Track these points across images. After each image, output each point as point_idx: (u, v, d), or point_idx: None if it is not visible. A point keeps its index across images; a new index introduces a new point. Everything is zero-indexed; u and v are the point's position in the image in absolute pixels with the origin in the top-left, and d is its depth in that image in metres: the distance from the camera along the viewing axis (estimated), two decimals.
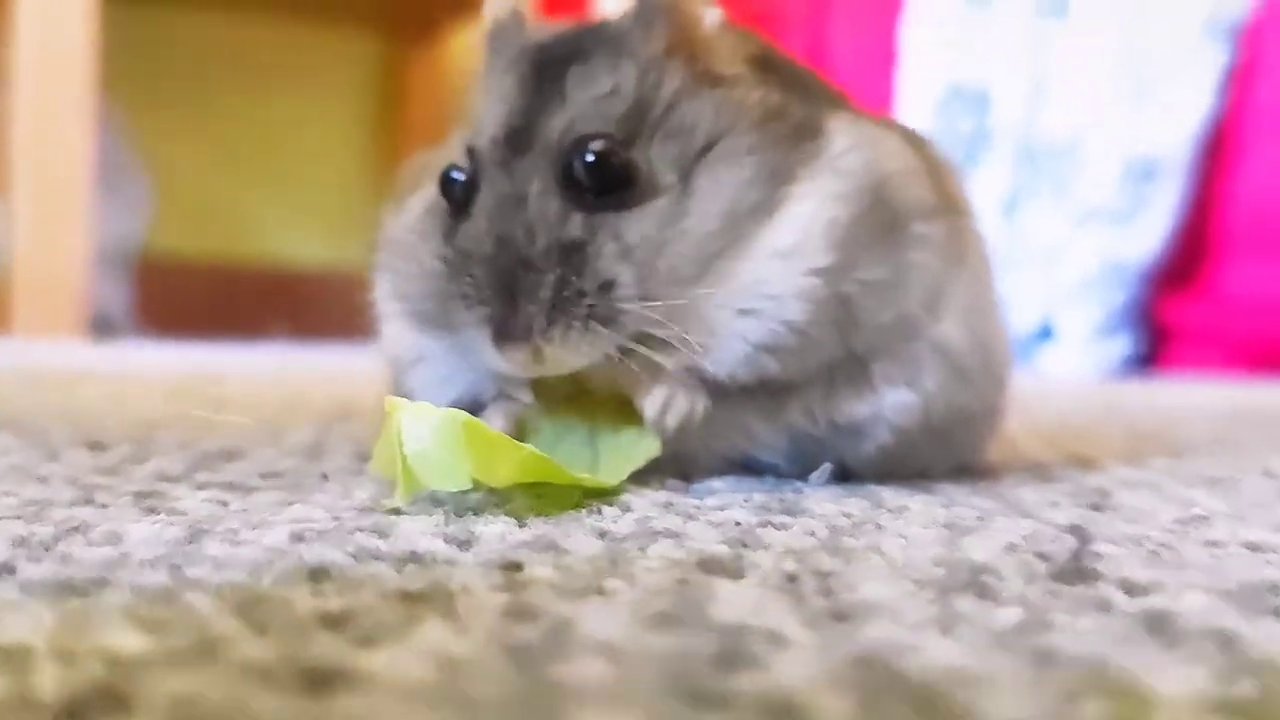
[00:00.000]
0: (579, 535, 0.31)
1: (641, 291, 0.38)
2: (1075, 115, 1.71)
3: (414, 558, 0.27)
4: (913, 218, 0.41)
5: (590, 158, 0.38)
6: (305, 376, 1.00)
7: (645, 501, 0.36)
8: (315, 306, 2.13)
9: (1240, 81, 1.62)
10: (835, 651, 0.21)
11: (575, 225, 0.38)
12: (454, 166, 0.41)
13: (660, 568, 0.27)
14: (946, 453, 0.45)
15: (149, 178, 1.86)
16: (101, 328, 1.54)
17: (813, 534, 0.31)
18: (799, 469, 0.42)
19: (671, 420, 0.39)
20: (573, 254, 0.37)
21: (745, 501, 0.37)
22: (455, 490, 0.35)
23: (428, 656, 0.20)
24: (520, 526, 0.32)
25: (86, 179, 1.42)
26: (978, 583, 0.26)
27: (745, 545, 0.30)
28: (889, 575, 0.27)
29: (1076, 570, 0.28)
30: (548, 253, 0.37)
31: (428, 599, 0.23)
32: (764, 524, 0.33)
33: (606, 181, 0.38)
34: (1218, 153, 1.63)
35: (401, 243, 0.42)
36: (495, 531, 0.31)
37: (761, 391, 0.41)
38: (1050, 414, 0.77)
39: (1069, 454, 0.54)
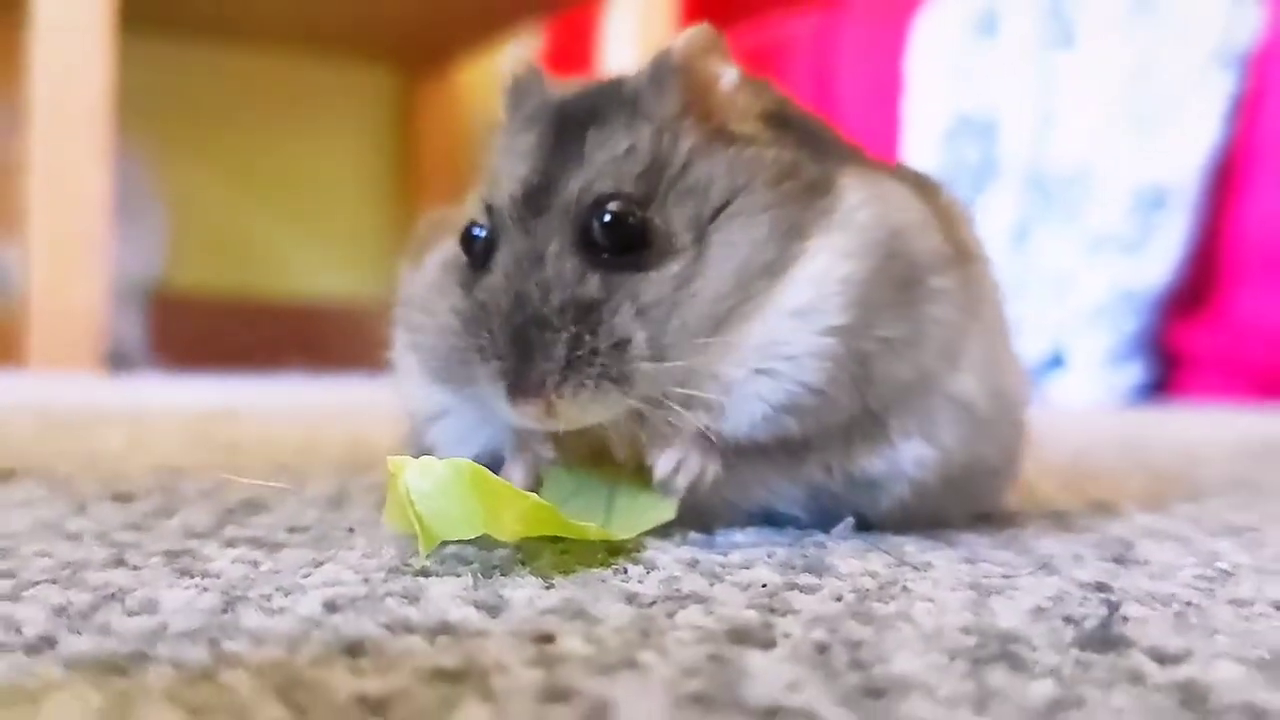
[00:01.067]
0: (607, 599, 0.31)
1: (655, 351, 0.38)
2: (1084, 144, 1.71)
3: (446, 628, 0.27)
4: (928, 271, 0.41)
5: (608, 218, 0.39)
6: (322, 414, 1.00)
7: (670, 558, 0.36)
8: (328, 338, 2.15)
9: (1248, 109, 1.62)
10: None
11: (592, 284, 0.38)
12: (474, 223, 0.41)
13: (691, 639, 0.27)
14: (965, 503, 0.46)
15: (164, 211, 1.87)
16: (117, 361, 1.55)
17: (840, 598, 0.32)
18: (818, 520, 0.43)
19: (681, 481, 0.40)
20: (588, 313, 0.38)
21: (769, 557, 0.37)
22: (470, 538, 0.36)
23: None
24: (547, 588, 0.32)
25: (103, 214, 1.43)
26: (1008, 653, 0.27)
27: (773, 611, 0.30)
28: (920, 645, 0.27)
29: (1106, 638, 0.28)
30: (563, 311, 0.38)
31: (464, 678, 0.24)
32: (790, 586, 0.33)
33: (623, 241, 0.39)
34: (1226, 180, 1.63)
35: (419, 299, 0.43)
36: (524, 596, 0.31)
37: (779, 448, 0.41)
38: (1064, 450, 0.77)
39: (1088, 499, 0.54)
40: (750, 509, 0.43)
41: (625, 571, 0.34)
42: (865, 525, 0.43)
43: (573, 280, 0.38)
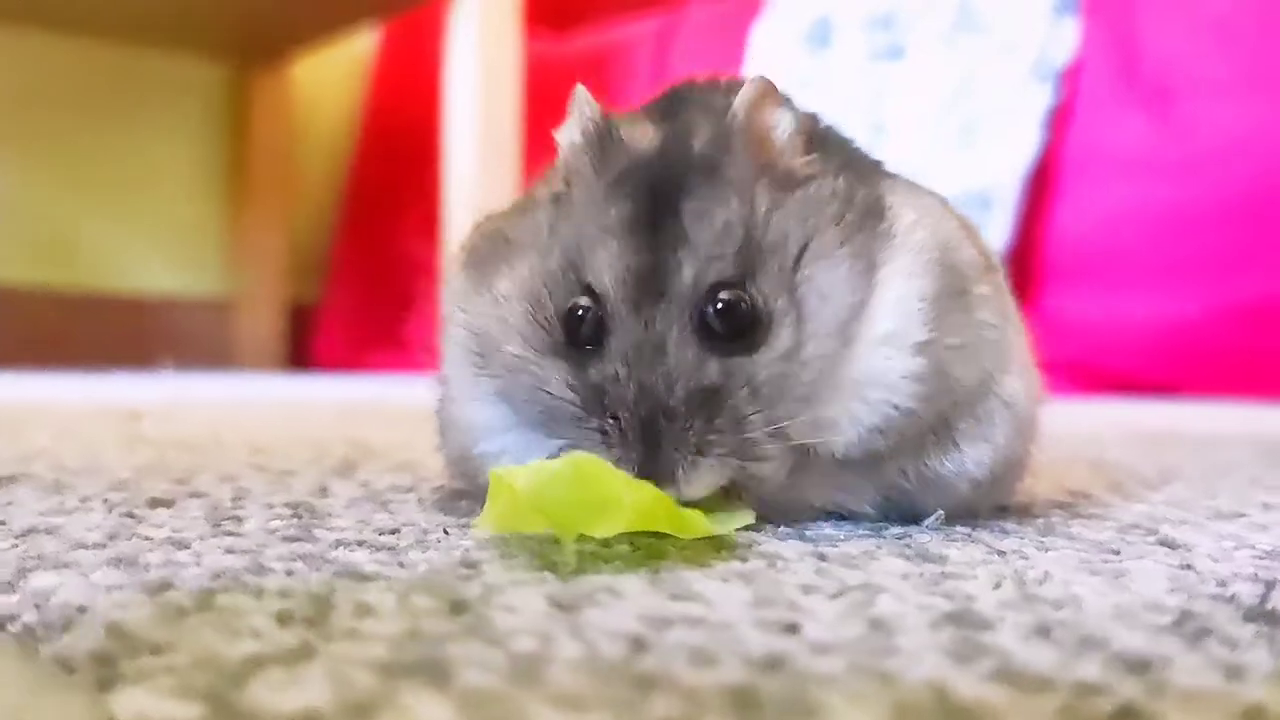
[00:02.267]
0: (791, 591, 0.32)
1: (770, 419, 0.40)
2: (914, 151, 1.80)
3: (697, 622, 0.28)
4: (972, 281, 0.44)
5: (720, 305, 0.40)
6: (229, 412, 0.97)
7: (793, 553, 0.38)
8: (156, 335, 2.07)
9: (1062, 120, 1.73)
10: (1219, 704, 0.23)
11: (711, 370, 0.40)
12: (579, 305, 0.41)
13: (920, 624, 0.29)
14: (996, 497, 0.49)
15: None
16: None
17: (998, 585, 0.34)
18: (883, 515, 0.45)
19: (753, 486, 0.41)
20: (710, 399, 0.39)
21: (879, 549, 0.39)
22: (606, 533, 0.37)
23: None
24: (725, 582, 0.33)
25: None
26: (1202, 627, 0.29)
27: (954, 597, 0.32)
28: (1119, 623, 0.29)
29: (1270, 613, 0.31)
30: (689, 400, 0.39)
31: (778, 666, 0.25)
32: (945, 575, 0.35)
33: (736, 327, 0.40)
34: (1041, 186, 1.74)
35: (495, 335, 0.43)
36: (714, 589, 0.32)
37: (863, 458, 0.43)
38: None
39: (1065, 489, 0.57)
40: (830, 508, 0.45)
41: (775, 565, 0.36)
42: (915, 520, 0.45)
43: (693, 369, 0.40)
